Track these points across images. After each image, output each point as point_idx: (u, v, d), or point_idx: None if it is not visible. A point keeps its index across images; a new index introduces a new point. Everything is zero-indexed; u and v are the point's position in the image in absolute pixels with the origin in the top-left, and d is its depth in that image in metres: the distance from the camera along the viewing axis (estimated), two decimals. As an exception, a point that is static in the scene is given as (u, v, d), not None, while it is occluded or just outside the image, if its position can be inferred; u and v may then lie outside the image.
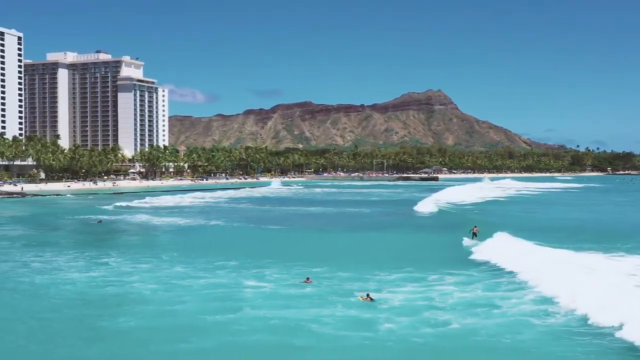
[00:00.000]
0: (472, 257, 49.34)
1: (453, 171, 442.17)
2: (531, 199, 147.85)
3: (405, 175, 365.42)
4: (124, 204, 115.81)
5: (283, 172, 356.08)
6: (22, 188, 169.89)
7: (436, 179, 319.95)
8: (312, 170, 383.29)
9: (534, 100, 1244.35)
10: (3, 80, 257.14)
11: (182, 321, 30.43)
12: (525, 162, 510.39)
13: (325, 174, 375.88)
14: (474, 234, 60.18)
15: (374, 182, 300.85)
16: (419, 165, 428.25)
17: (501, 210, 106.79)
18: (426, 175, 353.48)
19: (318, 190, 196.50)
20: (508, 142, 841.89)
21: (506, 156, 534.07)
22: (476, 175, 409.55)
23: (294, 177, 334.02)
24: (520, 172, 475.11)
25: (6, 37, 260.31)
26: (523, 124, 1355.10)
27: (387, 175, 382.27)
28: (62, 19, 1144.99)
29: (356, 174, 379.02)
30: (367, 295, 34.45)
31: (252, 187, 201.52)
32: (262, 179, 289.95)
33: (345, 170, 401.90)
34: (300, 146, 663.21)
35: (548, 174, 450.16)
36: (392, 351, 26.26)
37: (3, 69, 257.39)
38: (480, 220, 73.14)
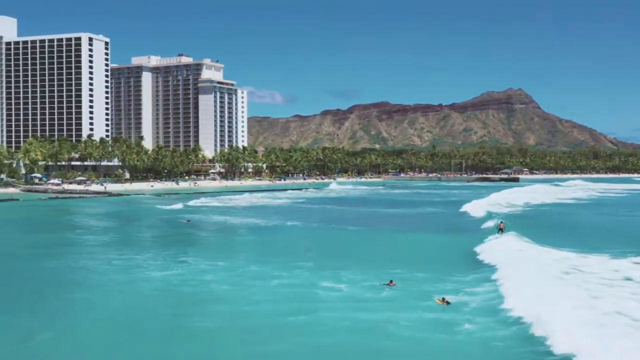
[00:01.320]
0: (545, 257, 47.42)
1: (534, 172, 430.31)
2: (615, 201, 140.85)
3: (484, 175, 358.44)
4: (202, 203, 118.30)
5: (360, 172, 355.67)
6: (105, 187, 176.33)
7: (517, 179, 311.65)
8: (389, 170, 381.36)
9: (620, 97, 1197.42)
10: (91, 84, 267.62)
11: (257, 321, 30.31)
12: (611, 162, 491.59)
13: (402, 175, 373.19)
14: (501, 229, 62.69)
15: (453, 182, 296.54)
16: (498, 165, 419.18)
17: (579, 213, 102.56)
18: (506, 176, 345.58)
19: (396, 191, 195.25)
20: (593, 142, 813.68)
21: (591, 156, 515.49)
22: (559, 176, 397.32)
23: (370, 178, 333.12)
24: (605, 172, 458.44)
25: (94, 42, 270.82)
26: (609, 122, 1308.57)
27: (465, 175, 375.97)
28: (146, 24, 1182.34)
29: (434, 174, 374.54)
30: (443, 299, 33.71)
31: (315, 188, 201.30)
32: (340, 179, 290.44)
33: (422, 170, 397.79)
34: (377, 146, 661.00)
35: (636, 175, 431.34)
36: (473, 355, 25.51)
37: (91, 73, 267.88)
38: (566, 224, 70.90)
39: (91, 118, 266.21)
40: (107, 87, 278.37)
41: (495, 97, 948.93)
